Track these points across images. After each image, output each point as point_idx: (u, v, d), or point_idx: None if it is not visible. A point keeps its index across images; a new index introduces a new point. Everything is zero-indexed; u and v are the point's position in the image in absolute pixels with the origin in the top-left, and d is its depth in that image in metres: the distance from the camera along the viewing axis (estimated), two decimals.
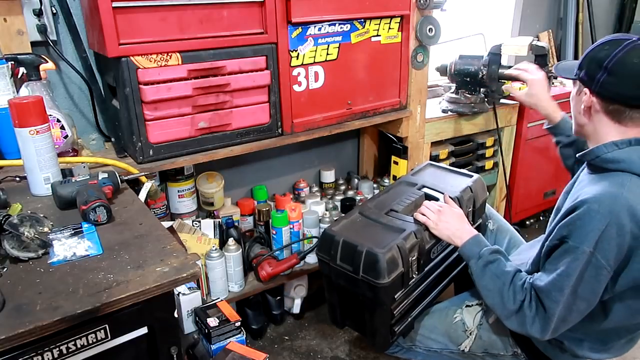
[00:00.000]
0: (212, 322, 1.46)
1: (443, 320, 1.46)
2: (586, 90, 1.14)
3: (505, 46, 2.16)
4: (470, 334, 1.39)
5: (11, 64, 1.37)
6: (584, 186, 1.15)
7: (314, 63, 1.73)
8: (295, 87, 1.72)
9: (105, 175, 1.22)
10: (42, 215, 1.02)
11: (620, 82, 1.08)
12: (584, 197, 1.09)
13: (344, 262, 1.38)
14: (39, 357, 0.81)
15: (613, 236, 1.04)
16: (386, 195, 1.64)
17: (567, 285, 1.09)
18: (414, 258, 1.39)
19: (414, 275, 1.42)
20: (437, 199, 1.55)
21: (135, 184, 1.44)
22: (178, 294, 1.54)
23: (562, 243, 1.12)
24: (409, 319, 1.48)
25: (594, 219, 1.05)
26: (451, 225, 1.38)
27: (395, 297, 1.36)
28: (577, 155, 1.23)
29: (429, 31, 1.99)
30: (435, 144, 2.31)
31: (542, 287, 1.14)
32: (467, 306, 1.44)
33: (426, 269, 1.48)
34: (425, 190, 1.63)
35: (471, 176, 1.71)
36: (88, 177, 1.21)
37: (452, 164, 2.40)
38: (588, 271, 1.07)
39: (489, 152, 2.52)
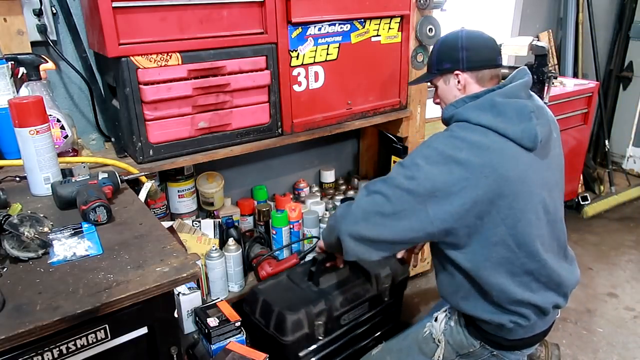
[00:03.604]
0: (212, 322, 1.46)
1: (416, 338, 1.48)
2: (457, 72, 1.34)
3: (505, 46, 2.16)
4: (439, 342, 1.41)
5: (11, 64, 1.37)
6: None
7: (314, 63, 1.73)
8: (295, 87, 1.72)
9: (105, 175, 1.22)
10: (42, 215, 1.02)
11: (477, 51, 1.32)
12: None
13: (261, 317, 1.63)
14: (39, 357, 0.81)
15: (425, 154, 1.21)
16: None
17: (380, 180, 1.26)
18: (321, 322, 1.60)
19: (319, 338, 1.62)
20: (365, 270, 1.77)
21: (135, 184, 1.44)
22: (178, 294, 1.54)
23: None
24: None
25: (419, 146, 1.26)
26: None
27: (300, 354, 1.59)
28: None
29: (429, 31, 1.99)
30: None
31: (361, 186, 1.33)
32: (435, 320, 1.45)
33: (336, 334, 1.67)
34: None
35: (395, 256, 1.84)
36: (88, 177, 1.21)
37: None
38: (400, 178, 1.21)
39: None
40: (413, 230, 1.21)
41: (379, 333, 1.83)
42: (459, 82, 1.34)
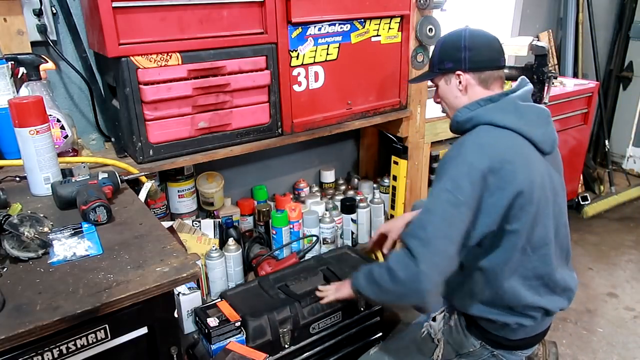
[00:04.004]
0: (212, 322, 1.46)
1: (414, 338, 1.47)
2: (459, 72, 1.31)
3: (505, 46, 2.15)
4: (439, 341, 1.40)
5: (11, 64, 1.37)
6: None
7: (314, 63, 1.73)
8: (295, 87, 1.72)
9: (105, 175, 1.22)
10: (42, 215, 1.02)
11: (480, 52, 1.30)
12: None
13: None
14: (39, 357, 0.81)
15: (464, 172, 1.16)
16: (291, 270, 1.80)
17: (428, 222, 1.16)
18: (286, 330, 1.56)
19: (285, 346, 1.58)
20: (338, 278, 1.71)
21: (135, 184, 1.44)
22: (178, 294, 1.54)
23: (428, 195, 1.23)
24: None
25: (447, 163, 1.21)
26: (336, 287, 1.51)
27: None
28: (450, 130, 1.40)
29: (429, 31, 1.99)
30: (435, 144, 2.31)
31: (405, 234, 1.23)
32: (433, 319, 1.45)
33: (305, 343, 1.63)
34: (325, 272, 1.78)
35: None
36: (88, 177, 1.21)
37: None
38: (449, 208, 1.15)
39: None
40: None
41: (358, 344, 1.80)
42: (460, 82, 1.33)
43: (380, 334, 1.88)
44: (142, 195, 1.34)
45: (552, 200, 1.27)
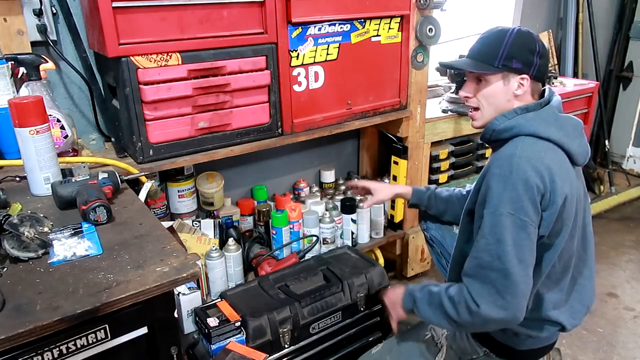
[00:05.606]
0: (212, 322, 1.46)
1: (416, 341, 1.46)
2: (524, 76, 1.21)
3: None
4: (441, 345, 1.39)
5: (11, 64, 1.37)
6: (490, 164, 1.23)
7: (314, 63, 1.73)
8: (295, 87, 1.72)
9: (105, 175, 1.23)
10: (42, 215, 1.02)
11: (546, 62, 1.24)
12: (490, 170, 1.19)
13: None
14: (39, 357, 0.81)
15: (522, 192, 1.11)
16: (291, 270, 1.80)
17: (501, 251, 1.12)
18: (286, 330, 1.56)
19: (285, 346, 1.58)
20: (337, 278, 1.72)
21: (135, 184, 1.44)
22: (178, 294, 1.54)
23: (482, 217, 1.17)
24: None
25: (498, 182, 1.14)
26: (390, 303, 1.43)
27: None
28: (480, 138, 1.33)
29: (429, 31, 1.99)
30: (435, 144, 2.31)
31: (477, 265, 1.16)
32: None
33: (305, 343, 1.64)
34: (325, 272, 1.78)
35: (374, 265, 1.83)
36: (88, 177, 1.21)
37: (452, 164, 2.40)
38: (517, 232, 1.11)
39: (488, 152, 2.52)
40: None
41: (358, 344, 1.80)
42: (518, 87, 1.22)
43: (380, 334, 1.88)
44: (142, 195, 1.34)
45: (579, 212, 1.25)
